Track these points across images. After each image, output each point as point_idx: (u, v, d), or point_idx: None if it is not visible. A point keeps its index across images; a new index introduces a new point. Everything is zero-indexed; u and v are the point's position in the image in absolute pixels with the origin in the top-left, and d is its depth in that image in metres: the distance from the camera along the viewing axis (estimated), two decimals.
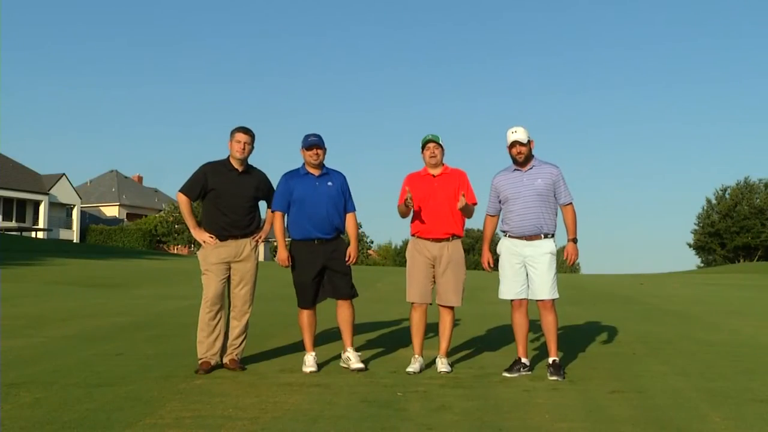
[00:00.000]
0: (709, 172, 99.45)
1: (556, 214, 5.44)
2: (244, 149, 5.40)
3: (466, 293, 5.58)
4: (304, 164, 5.52)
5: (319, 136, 5.46)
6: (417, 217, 5.51)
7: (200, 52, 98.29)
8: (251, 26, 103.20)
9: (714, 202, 62.77)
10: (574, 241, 5.36)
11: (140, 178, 72.95)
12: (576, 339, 7.16)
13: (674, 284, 20.83)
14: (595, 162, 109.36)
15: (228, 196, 5.38)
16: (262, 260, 64.63)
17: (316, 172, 5.48)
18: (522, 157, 5.36)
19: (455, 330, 7.81)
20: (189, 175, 5.46)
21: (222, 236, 5.39)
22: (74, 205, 58.70)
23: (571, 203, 5.43)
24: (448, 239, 5.44)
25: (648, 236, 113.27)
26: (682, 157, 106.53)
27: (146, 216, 61.94)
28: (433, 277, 5.49)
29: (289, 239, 5.58)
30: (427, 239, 5.46)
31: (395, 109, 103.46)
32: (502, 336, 7.18)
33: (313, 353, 5.41)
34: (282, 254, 5.44)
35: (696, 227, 63.95)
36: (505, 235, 5.48)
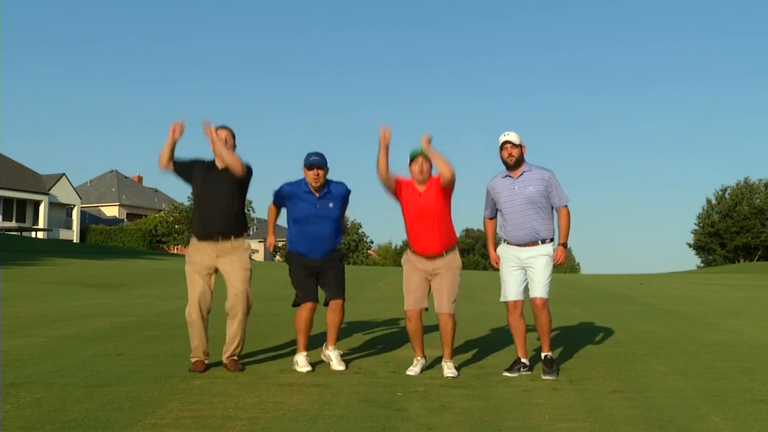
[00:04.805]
0: (709, 172, 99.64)
1: (553, 218, 5.42)
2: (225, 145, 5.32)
3: (459, 294, 5.54)
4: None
5: (321, 155, 5.40)
6: (409, 234, 5.48)
7: (200, 51, 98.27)
8: (251, 27, 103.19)
9: (714, 202, 62.85)
10: (564, 245, 5.36)
11: (140, 178, 72.92)
12: (576, 339, 7.16)
13: (674, 284, 20.82)
14: (595, 162, 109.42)
15: (207, 195, 5.33)
16: (262, 260, 64.60)
17: (317, 193, 5.44)
18: (513, 159, 5.34)
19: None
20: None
21: (204, 236, 5.33)
22: (74, 205, 58.70)
23: (566, 206, 5.39)
24: (441, 255, 5.39)
25: (648, 236, 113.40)
26: (682, 157, 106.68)
27: (146, 216, 61.92)
28: (425, 286, 5.45)
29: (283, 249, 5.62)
30: (422, 256, 5.42)
31: (395, 108, 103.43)
32: (501, 336, 7.17)
33: (305, 353, 5.40)
34: (270, 239, 5.74)
35: (696, 227, 64.05)
36: (503, 241, 5.49)
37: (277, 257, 67.16)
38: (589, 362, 5.79)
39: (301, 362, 5.34)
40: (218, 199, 5.31)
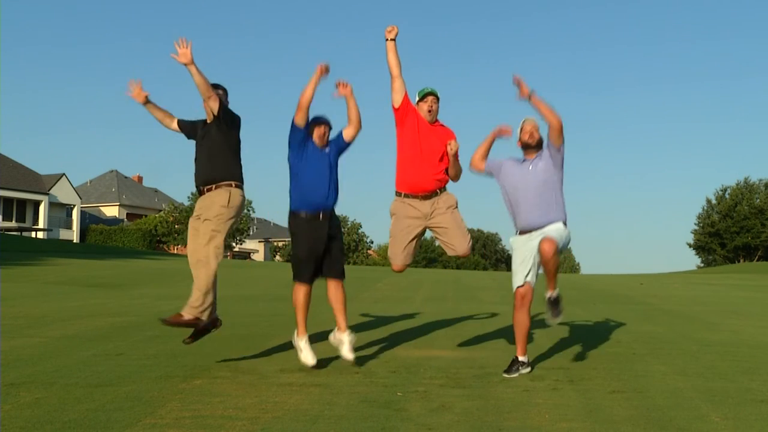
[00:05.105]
0: (709, 172, 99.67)
1: (564, 201, 5.31)
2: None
3: (468, 295, 5.56)
4: None
5: (327, 117, 5.49)
6: (403, 167, 5.34)
7: (199, 51, 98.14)
8: (251, 27, 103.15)
9: (714, 202, 62.77)
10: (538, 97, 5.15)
11: (140, 178, 72.86)
12: (576, 339, 7.14)
13: (674, 284, 20.80)
14: (595, 162, 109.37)
15: (196, 149, 5.41)
16: (262, 260, 64.45)
17: (319, 145, 5.46)
18: (534, 140, 5.25)
19: (454, 329, 7.83)
20: (189, 175, 5.52)
21: (197, 189, 5.42)
22: (74, 205, 58.62)
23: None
24: (436, 193, 5.30)
25: (648, 236, 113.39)
26: (682, 156, 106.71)
27: (146, 216, 61.87)
28: (419, 236, 5.40)
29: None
30: (417, 196, 5.30)
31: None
32: (502, 336, 7.16)
33: (307, 336, 5.35)
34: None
35: (696, 227, 63.97)
36: (517, 233, 5.38)
37: (277, 257, 67.12)
38: (589, 362, 5.78)
39: (305, 349, 5.25)
40: (202, 151, 5.35)
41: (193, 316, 5.16)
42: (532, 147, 5.30)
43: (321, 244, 5.36)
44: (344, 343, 5.29)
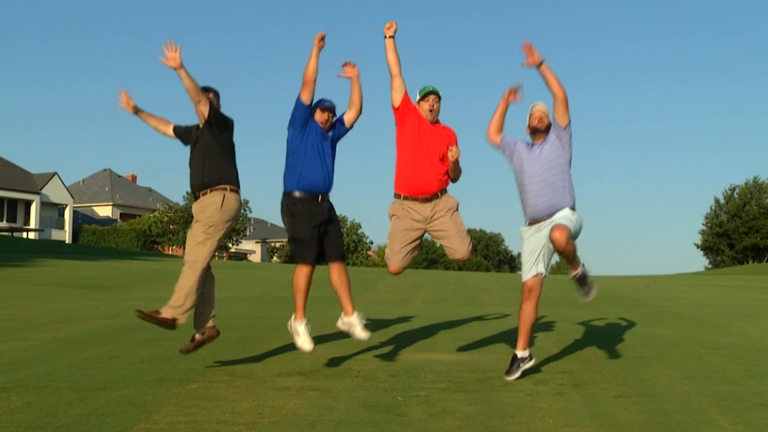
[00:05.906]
0: (717, 171, 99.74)
1: (572, 187, 5.16)
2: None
3: (470, 297, 5.47)
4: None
5: (332, 101, 5.41)
6: (403, 169, 5.27)
7: (194, 49, 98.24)
8: (249, 25, 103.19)
9: (722, 201, 62.62)
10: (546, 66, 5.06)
11: (134, 177, 72.70)
12: (581, 342, 7.09)
13: (681, 286, 20.80)
14: (600, 161, 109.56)
15: (190, 154, 5.36)
16: (259, 261, 64.42)
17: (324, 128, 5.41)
18: (543, 125, 5.14)
19: (455, 331, 7.76)
20: (185, 174, 5.48)
21: (192, 195, 5.41)
22: (66, 205, 58.38)
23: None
24: (437, 195, 5.24)
25: (655, 237, 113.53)
26: (689, 156, 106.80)
27: (140, 216, 61.75)
28: (419, 239, 5.31)
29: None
30: (417, 199, 5.22)
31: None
32: (505, 338, 7.10)
33: (306, 320, 5.24)
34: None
35: (704, 228, 63.81)
36: (526, 223, 5.25)
37: (275, 258, 67.10)
38: (594, 366, 5.70)
39: (303, 334, 5.14)
40: (195, 156, 5.30)
41: (171, 315, 5.09)
42: (541, 132, 5.17)
43: (320, 225, 5.28)
44: (355, 325, 5.20)
